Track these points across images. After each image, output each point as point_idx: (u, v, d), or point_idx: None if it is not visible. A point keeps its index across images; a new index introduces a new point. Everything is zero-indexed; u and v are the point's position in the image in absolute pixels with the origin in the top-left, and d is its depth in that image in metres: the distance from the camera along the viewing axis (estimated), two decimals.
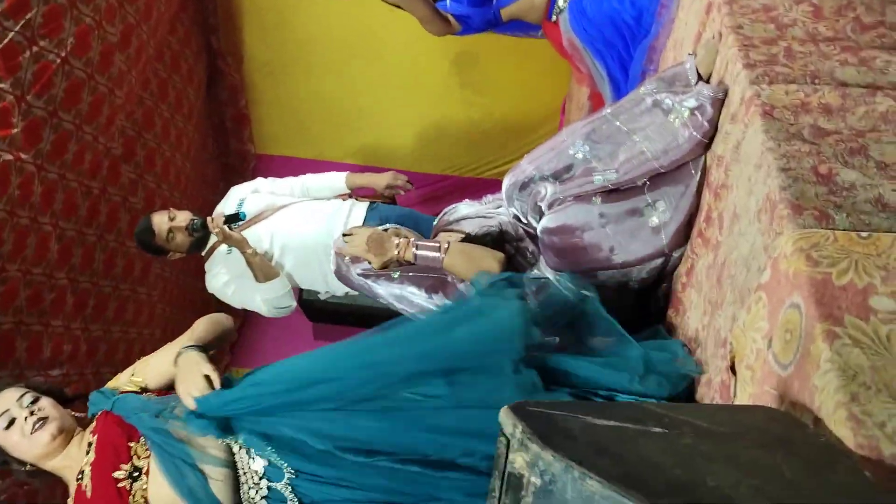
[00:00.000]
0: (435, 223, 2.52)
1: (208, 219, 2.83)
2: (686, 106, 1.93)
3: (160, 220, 2.84)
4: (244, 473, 1.79)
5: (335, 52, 4.49)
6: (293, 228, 2.87)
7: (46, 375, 2.92)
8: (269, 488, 1.77)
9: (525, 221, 2.26)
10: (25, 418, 1.85)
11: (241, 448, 1.79)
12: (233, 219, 2.85)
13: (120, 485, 1.77)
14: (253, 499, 1.78)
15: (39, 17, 2.65)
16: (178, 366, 1.86)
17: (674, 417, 1.11)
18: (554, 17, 2.90)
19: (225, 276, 2.94)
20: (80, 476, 1.83)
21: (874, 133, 1.58)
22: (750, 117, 1.67)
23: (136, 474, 1.79)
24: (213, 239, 2.94)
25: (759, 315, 1.45)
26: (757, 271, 1.51)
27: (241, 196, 3.01)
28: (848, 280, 1.29)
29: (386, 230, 2.31)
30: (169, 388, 1.96)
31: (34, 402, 1.88)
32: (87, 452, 1.84)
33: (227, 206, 3.00)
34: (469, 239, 2.29)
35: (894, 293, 1.26)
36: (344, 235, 2.31)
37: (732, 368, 1.57)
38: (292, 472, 1.77)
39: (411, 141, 4.82)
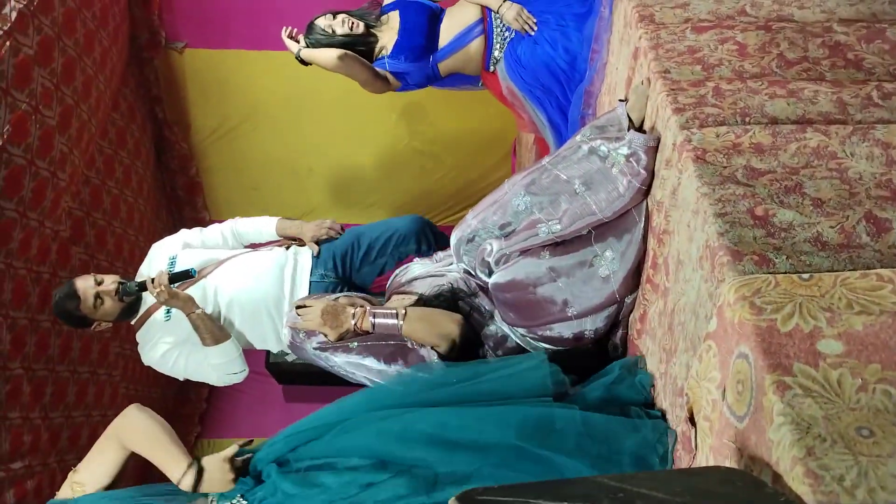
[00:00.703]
0: (388, 285, 2.48)
1: (147, 280, 2.54)
2: (620, 153, 1.92)
3: (85, 286, 2.55)
4: None
5: (280, 112, 4.46)
6: (240, 282, 2.68)
7: (7, 470, 2.80)
8: None
9: (475, 276, 2.23)
10: None
11: None
12: (181, 277, 2.55)
13: None
14: None
15: None
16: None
17: (629, 490, 1.06)
18: (491, 68, 2.90)
19: (165, 346, 2.66)
20: None
21: (808, 169, 1.56)
22: (683, 163, 1.65)
23: None
24: (145, 304, 2.69)
25: (710, 365, 1.42)
26: (705, 318, 1.48)
27: (171, 253, 2.77)
28: (793, 325, 1.26)
29: (337, 300, 2.26)
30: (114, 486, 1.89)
31: None
32: None
33: (152, 266, 2.75)
34: (423, 300, 2.25)
35: (841, 335, 1.23)
36: (297, 308, 2.24)
37: (692, 419, 1.53)
38: None
39: (364, 195, 4.79)
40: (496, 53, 2.84)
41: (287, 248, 2.89)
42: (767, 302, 1.30)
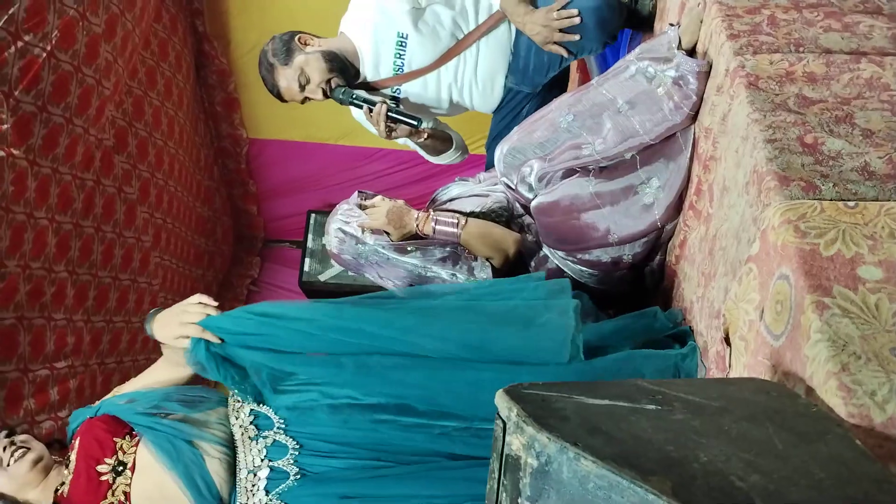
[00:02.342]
0: (428, 204, 2.53)
1: (365, 107, 2.37)
2: (668, 75, 1.94)
3: (290, 90, 2.43)
4: (244, 454, 1.77)
5: (320, 28, 4.45)
6: (483, 72, 2.47)
7: (52, 368, 2.94)
8: (271, 468, 1.76)
9: (517, 192, 2.27)
10: (4, 448, 1.82)
11: (242, 428, 1.79)
12: (404, 121, 2.38)
13: (102, 478, 1.75)
14: (251, 480, 1.76)
15: (23, 11, 2.64)
16: (154, 333, 1.83)
17: (666, 393, 1.13)
18: None
19: None
20: (59, 488, 1.80)
21: (859, 100, 1.58)
22: (735, 88, 1.67)
23: (120, 468, 1.76)
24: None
25: (750, 287, 1.47)
26: (747, 243, 1.52)
27: (400, 33, 2.41)
28: (836, 250, 1.30)
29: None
30: None
31: (11, 434, 1.87)
32: (67, 467, 1.82)
33: (377, 50, 2.43)
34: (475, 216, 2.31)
35: (881, 262, 1.27)
36: (362, 208, 2.30)
37: (727, 339, 1.59)
38: (296, 447, 1.76)
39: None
40: None
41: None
42: (812, 227, 1.33)
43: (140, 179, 3.69)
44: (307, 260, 4.66)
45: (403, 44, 2.43)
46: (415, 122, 2.36)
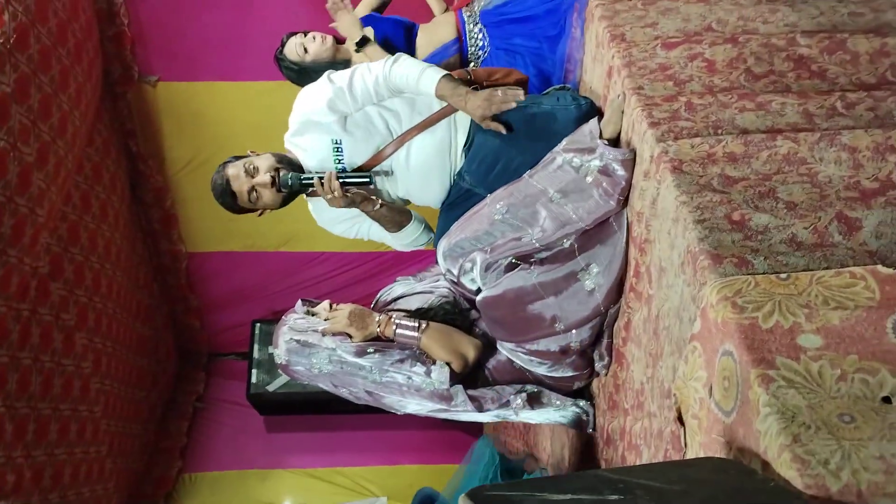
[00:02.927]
0: (373, 304, 2.53)
1: (315, 180, 2.32)
2: (594, 165, 2.02)
3: (238, 181, 2.35)
4: None
5: (254, 142, 4.48)
6: (416, 166, 2.45)
7: None
8: None
9: (462, 287, 2.30)
10: None
11: None
12: (356, 182, 2.33)
13: None
14: None
15: None
16: None
17: (628, 482, 1.13)
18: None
19: (343, 225, 2.57)
20: None
21: (779, 175, 1.66)
22: (661, 173, 1.74)
23: None
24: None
25: (696, 365, 1.49)
26: (689, 321, 1.56)
27: (332, 136, 2.40)
28: (774, 322, 1.33)
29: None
30: None
31: None
32: None
33: (311, 149, 2.43)
34: (420, 313, 2.32)
35: (819, 329, 1.31)
36: (311, 314, 2.30)
37: (680, 419, 1.60)
38: None
39: None
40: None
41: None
42: (748, 301, 1.37)
43: (77, 305, 3.62)
44: (254, 371, 4.60)
45: (339, 149, 2.46)
46: (366, 178, 2.34)
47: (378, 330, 2.24)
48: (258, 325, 4.76)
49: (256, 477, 4.68)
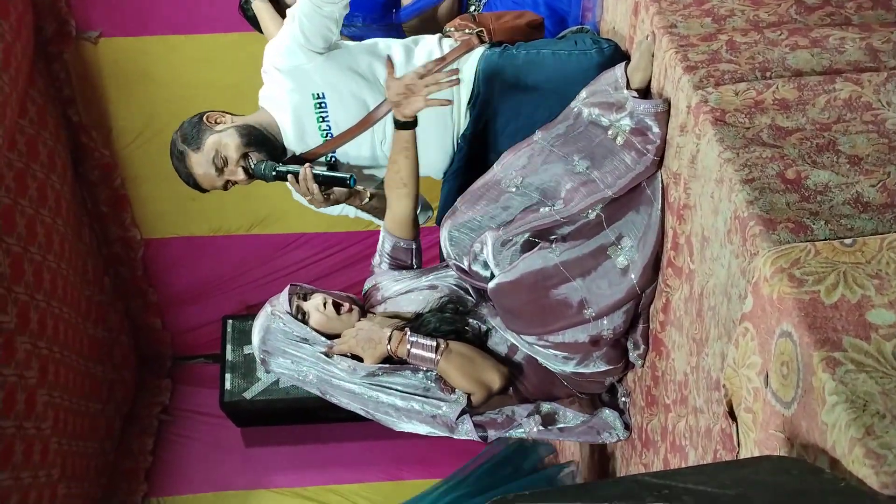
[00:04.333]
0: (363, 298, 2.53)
1: (290, 177, 2.36)
2: (624, 125, 2.01)
3: (207, 176, 2.43)
4: None
5: (216, 106, 4.47)
6: None
7: None
8: None
9: (471, 274, 2.29)
10: None
11: None
12: (335, 183, 2.40)
13: None
14: None
15: None
16: None
17: (673, 487, 1.14)
18: None
19: None
20: None
21: (840, 124, 1.66)
22: (700, 126, 1.74)
23: None
24: None
25: (748, 349, 1.50)
26: (738, 299, 1.56)
27: (310, 87, 2.44)
28: (839, 296, 1.34)
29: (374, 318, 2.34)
30: None
31: None
32: None
33: (284, 97, 2.48)
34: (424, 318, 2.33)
35: (892, 303, 1.32)
36: (299, 315, 2.30)
37: (731, 413, 1.61)
38: None
39: None
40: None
41: None
42: (808, 273, 1.38)
43: (17, 304, 3.62)
44: (228, 376, 4.60)
45: (322, 104, 2.47)
46: (345, 178, 2.37)
47: (390, 349, 2.23)
48: (230, 321, 4.75)
49: (235, 499, 4.70)
